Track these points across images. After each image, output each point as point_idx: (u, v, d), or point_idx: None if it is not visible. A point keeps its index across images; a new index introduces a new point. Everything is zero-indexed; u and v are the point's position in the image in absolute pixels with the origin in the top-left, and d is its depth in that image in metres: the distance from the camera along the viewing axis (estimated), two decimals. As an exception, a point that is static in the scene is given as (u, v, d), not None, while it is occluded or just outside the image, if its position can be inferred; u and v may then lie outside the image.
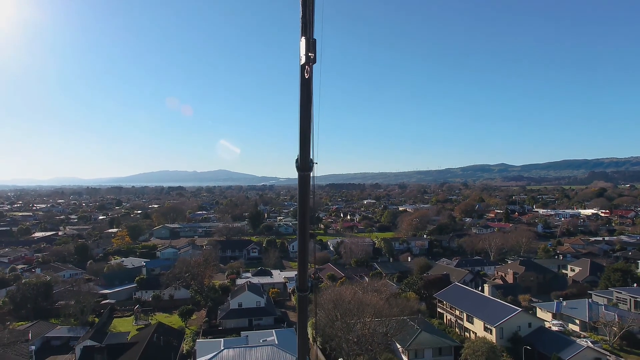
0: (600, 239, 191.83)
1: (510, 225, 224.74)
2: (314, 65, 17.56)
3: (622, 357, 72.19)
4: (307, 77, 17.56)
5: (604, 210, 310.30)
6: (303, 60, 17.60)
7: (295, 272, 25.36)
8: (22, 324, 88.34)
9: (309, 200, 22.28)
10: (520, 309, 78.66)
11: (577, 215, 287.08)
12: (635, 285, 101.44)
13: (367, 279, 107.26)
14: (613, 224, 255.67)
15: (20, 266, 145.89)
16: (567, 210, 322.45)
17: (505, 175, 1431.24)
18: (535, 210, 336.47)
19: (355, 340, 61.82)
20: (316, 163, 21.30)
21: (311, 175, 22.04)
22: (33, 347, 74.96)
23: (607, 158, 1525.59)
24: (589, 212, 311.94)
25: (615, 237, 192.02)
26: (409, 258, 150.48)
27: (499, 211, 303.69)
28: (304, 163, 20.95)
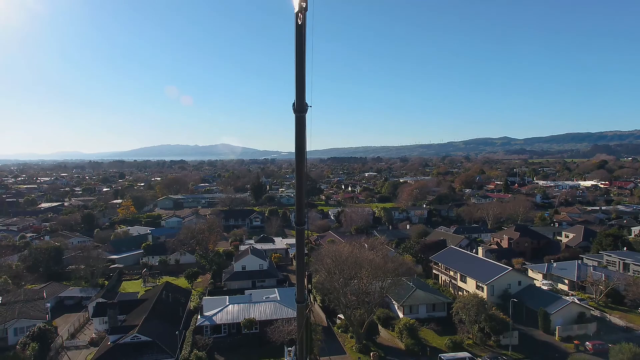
0: (597, 208, 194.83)
1: (510, 195, 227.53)
2: (308, 14, 19.93)
3: (606, 312, 75.96)
4: (300, 23, 19.92)
5: (603, 182, 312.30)
6: (296, 8, 20.08)
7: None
8: (35, 286, 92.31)
9: (305, 141, 24.87)
10: (511, 268, 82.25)
11: (577, 187, 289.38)
12: (625, 249, 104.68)
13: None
14: (611, 195, 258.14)
15: (29, 234, 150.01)
16: (566, 182, 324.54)
17: (508, 148, 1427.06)
18: (535, 182, 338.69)
19: (353, 295, 65.34)
20: (310, 106, 23.86)
21: (306, 117, 24.62)
22: (49, 305, 79.07)
23: (610, 131, 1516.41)
24: (588, 183, 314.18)
25: (612, 207, 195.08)
26: (408, 226, 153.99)
27: (498, 183, 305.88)
28: (300, 105, 23.51)
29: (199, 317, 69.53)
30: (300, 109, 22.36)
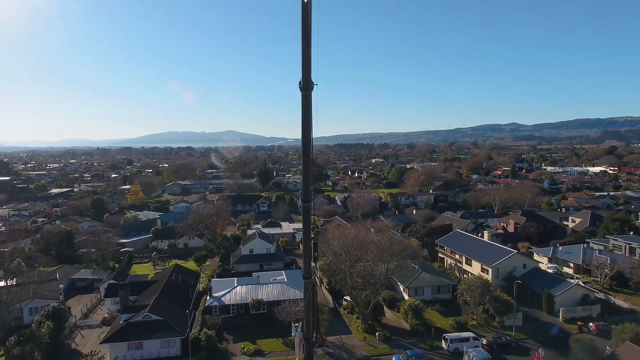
0: (605, 194, 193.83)
1: (517, 181, 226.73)
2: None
3: (610, 295, 76.50)
4: (305, 1, 20.40)
5: (612, 168, 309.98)
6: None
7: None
8: (48, 269, 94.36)
9: (311, 119, 25.44)
10: (516, 252, 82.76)
11: (585, 173, 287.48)
12: (632, 233, 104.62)
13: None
14: (620, 181, 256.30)
15: (40, 219, 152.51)
16: (575, 168, 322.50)
17: (517, 134, 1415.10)
18: (543, 168, 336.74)
19: (359, 277, 66.33)
20: (316, 84, 24.41)
21: (312, 95, 25.19)
22: (62, 286, 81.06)
23: (621, 117, 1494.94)
24: (597, 169, 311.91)
25: (620, 193, 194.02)
26: (414, 211, 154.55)
27: (506, 169, 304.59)
28: (306, 83, 24.06)
29: (208, 297, 71.02)
30: (306, 87, 22.94)
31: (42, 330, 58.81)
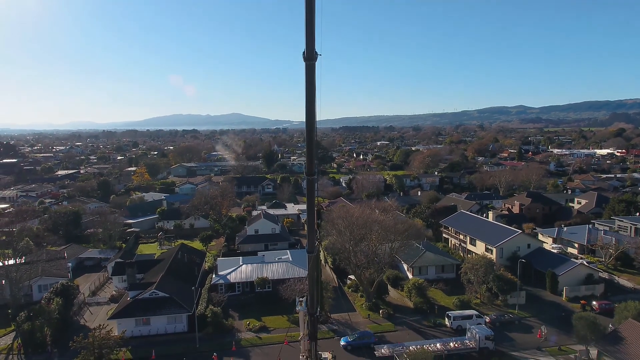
0: (612, 176, 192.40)
1: (523, 163, 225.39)
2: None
3: (614, 275, 76.61)
4: None
5: (620, 150, 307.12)
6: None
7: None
8: (55, 248, 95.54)
9: (314, 90, 25.34)
10: (520, 232, 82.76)
11: (592, 155, 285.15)
12: (638, 214, 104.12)
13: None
14: (627, 163, 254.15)
15: (48, 200, 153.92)
16: (582, 150, 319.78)
17: (524, 117, 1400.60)
18: (550, 150, 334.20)
19: (363, 256, 66.73)
20: (320, 55, 24.23)
21: (316, 65, 24.97)
22: (70, 265, 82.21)
23: (630, 99, 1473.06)
24: (604, 152, 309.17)
25: (627, 175, 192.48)
26: (419, 193, 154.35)
27: (512, 151, 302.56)
28: (310, 53, 23.87)
29: (213, 276, 71.86)
30: (309, 56, 22.82)
31: (51, 306, 59.86)
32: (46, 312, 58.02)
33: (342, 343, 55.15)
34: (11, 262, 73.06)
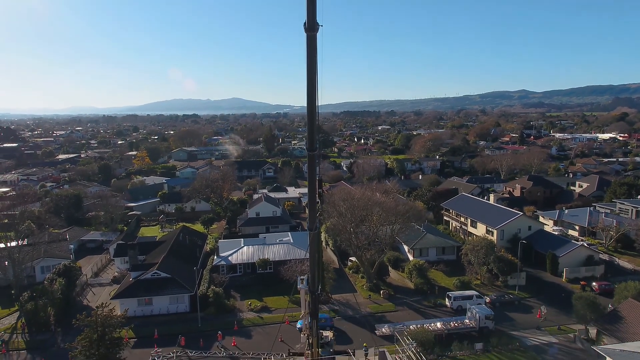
0: (614, 160, 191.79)
1: (524, 147, 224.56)
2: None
3: (615, 256, 76.82)
4: None
5: (622, 135, 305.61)
6: None
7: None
8: (57, 231, 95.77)
9: (316, 62, 24.96)
10: (521, 214, 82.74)
11: (595, 139, 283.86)
12: (639, 197, 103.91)
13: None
14: (630, 147, 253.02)
15: (48, 184, 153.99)
16: (584, 135, 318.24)
17: (526, 102, 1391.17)
18: (552, 134, 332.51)
19: (364, 237, 66.87)
20: (322, 25, 23.78)
21: (318, 36, 24.53)
22: (72, 246, 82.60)
23: (634, 83, 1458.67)
24: (606, 136, 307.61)
25: (629, 159, 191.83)
26: (420, 176, 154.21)
27: (514, 135, 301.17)
28: (311, 24, 23.42)
29: (215, 257, 72.17)
30: (311, 27, 22.43)
31: (54, 286, 60.27)
32: (49, 292, 58.48)
33: (298, 325, 54.34)
34: (13, 244, 73.46)
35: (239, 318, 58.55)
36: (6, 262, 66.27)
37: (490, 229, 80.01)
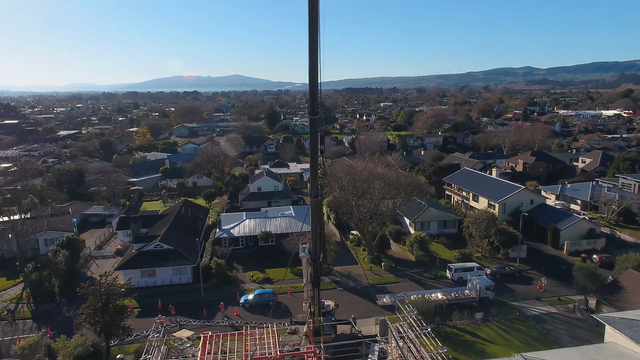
0: (618, 136, 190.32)
1: (528, 124, 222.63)
2: None
3: (616, 230, 76.91)
4: None
5: (627, 111, 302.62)
6: None
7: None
8: (59, 205, 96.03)
9: (318, 23, 24.35)
10: (523, 187, 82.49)
11: (599, 116, 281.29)
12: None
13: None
14: (634, 124, 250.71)
15: (50, 159, 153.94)
16: (588, 111, 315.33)
17: (530, 79, 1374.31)
18: (556, 111, 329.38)
19: (366, 210, 66.90)
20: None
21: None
22: (75, 220, 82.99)
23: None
24: (611, 112, 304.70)
25: (633, 135, 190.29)
26: (422, 152, 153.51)
27: (517, 112, 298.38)
28: None
29: (217, 230, 72.49)
30: None
31: (58, 257, 60.74)
32: (53, 263, 58.97)
33: (241, 301, 54.98)
34: (16, 217, 73.77)
35: (241, 289, 59.17)
36: (10, 235, 66.70)
37: (492, 203, 79.95)
